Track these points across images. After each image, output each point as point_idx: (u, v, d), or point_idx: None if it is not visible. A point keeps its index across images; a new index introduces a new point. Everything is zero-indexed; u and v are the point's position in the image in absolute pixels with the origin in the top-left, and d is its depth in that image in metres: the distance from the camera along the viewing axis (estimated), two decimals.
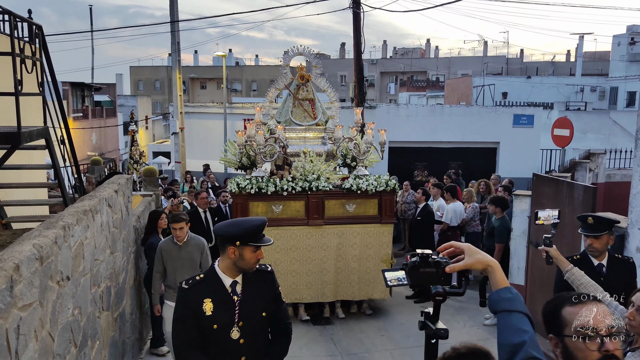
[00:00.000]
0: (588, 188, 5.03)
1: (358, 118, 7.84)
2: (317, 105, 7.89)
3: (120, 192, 5.13)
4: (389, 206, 7.18)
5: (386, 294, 7.32)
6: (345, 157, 7.74)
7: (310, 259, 6.99)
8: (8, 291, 2.35)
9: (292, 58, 7.89)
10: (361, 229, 7.08)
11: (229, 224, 2.91)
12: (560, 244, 5.46)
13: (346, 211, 7.10)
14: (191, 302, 2.80)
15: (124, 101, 36.69)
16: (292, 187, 6.81)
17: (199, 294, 2.81)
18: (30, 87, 4.89)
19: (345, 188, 7.01)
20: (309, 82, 7.89)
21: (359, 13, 13.46)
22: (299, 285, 7.01)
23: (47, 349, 2.92)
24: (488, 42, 56.19)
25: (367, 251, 7.13)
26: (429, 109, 16.26)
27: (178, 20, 14.83)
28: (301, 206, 6.96)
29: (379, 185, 7.03)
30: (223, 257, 2.85)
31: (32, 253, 2.69)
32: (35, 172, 6.32)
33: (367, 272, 7.15)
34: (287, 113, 7.81)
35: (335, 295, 7.18)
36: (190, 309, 2.79)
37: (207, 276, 2.88)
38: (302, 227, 6.92)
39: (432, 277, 1.92)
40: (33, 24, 4.56)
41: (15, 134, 4.04)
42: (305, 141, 7.70)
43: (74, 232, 3.46)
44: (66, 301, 3.30)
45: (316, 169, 6.97)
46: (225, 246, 2.81)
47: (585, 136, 17.06)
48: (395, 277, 1.97)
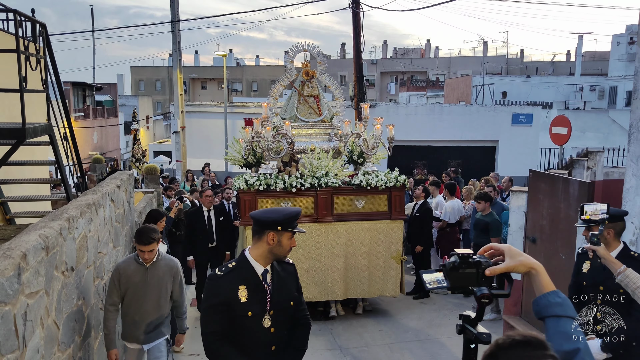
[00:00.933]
0: (583, 183, 5.11)
1: (366, 113, 7.62)
2: (322, 102, 7.81)
3: (122, 188, 5.21)
4: (398, 202, 7.10)
5: (397, 291, 7.19)
6: (351, 154, 7.58)
7: (319, 256, 6.87)
8: (16, 278, 2.43)
9: (297, 54, 7.77)
10: (371, 225, 6.97)
11: (268, 210, 2.99)
12: (555, 239, 5.54)
13: (355, 207, 7.00)
14: (225, 289, 2.80)
15: (125, 101, 36.79)
16: (301, 184, 6.71)
17: (234, 281, 2.82)
18: (33, 84, 4.97)
19: (355, 184, 6.92)
20: (314, 78, 7.79)
21: (358, 12, 13.54)
22: (308, 284, 6.79)
23: (53, 336, 3.01)
24: (488, 42, 56.21)
25: (377, 248, 7.01)
26: (429, 108, 16.36)
27: (179, 20, 14.92)
28: (310, 203, 6.86)
29: (389, 181, 6.93)
30: (259, 243, 2.86)
31: (39, 243, 2.77)
32: (37, 169, 6.40)
33: (377, 269, 7.03)
34: (293, 110, 7.70)
35: (345, 293, 7.03)
36: (223, 297, 2.79)
37: (239, 263, 2.89)
38: (311, 224, 6.77)
39: (473, 278, 1.80)
40: (37, 22, 4.64)
41: (21, 130, 4.12)
42: (311, 138, 7.61)
43: (78, 225, 3.54)
44: (71, 291, 3.39)
45: (324, 165, 6.85)
46: (263, 232, 2.83)
47: (584, 135, 17.15)
48: (433, 279, 1.85)
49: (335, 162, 7.08)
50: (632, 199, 4.16)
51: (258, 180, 6.67)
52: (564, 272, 5.35)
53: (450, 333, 6.62)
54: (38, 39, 4.73)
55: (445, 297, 7.99)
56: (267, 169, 6.97)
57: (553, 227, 5.60)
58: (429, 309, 7.58)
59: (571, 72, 35.15)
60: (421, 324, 7.03)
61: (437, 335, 6.62)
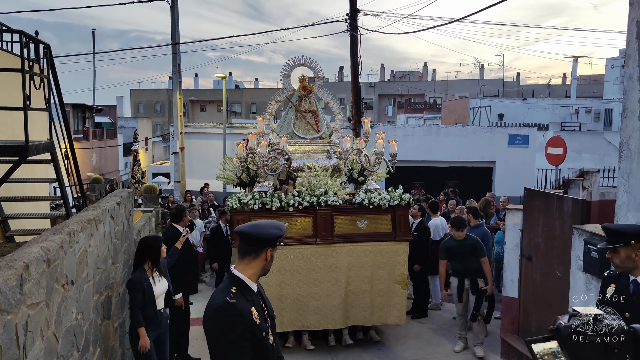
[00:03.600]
0: (577, 200, 5.18)
1: (367, 129, 7.16)
2: (320, 118, 7.47)
3: (122, 205, 5.27)
4: (403, 222, 6.62)
5: (402, 319, 6.73)
6: (351, 172, 7.16)
7: (318, 281, 6.42)
8: (18, 288, 2.48)
9: (294, 69, 7.41)
10: (373, 247, 6.51)
11: (258, 225, 2.77)
12: (550, 256, 5.58)
13: (357, 228, 6.53)
14: (245, 314, 2.58)
15: (125, 123, 37.06)
16: (299, 202, 6.30)
17: (246, 304, 2.61)
18: (36, 104, 5.08)
19: (356, 202, 6.47)
20: (312, 93, 7.46)
21: (355, 36, 13.80)
22: (306, 311, 6.42)
23: (52, 349, 3.03)
24: (485, 66, 57.04)
25: (380, 272, 6.54)
26: (426, 129, 16.53)
27: (179, 42, 15.17)
28: (308, 223, 6.43)
29: (393, 199, 6.50)
30: (255, 261, 2.71)
31: (40, 255, 2.82)
32: (38, 188, 6.47)
33: (379, 294, 6.57)
34: (289, 126, 7.36)
35: (345, 321, 6.59)
36: (247, 323, 2.56)
37: (238, 286, 2.66)
38: (310, 246, 6.37)
39: (600, 352, 1.30)
40: (42, 42, 4.77)
41: (23, 147, 4.21)
42: (309, 155, 7.21)
43: (79, 239, 3.59)
44: (70, 305, 3.42)
45: (323, 182, 6.47)
46: (262, 249, 2.70)
47: (580, 156, 17.31)
48: (547, 350, 1.37)
49: (335, 180, 6.74)
50: (624, 215, 4.23)
51: (252, 199, 6.26)
52: (561, 289, 5.39)
53: (448, 352, 6.61)
54: (42, 59, 4.85)
55: (443, 314, 7.99)
56: (263, 187, 6.60)
57: (548, 245, 5.65)
58: (428, 328, 7.55)
59: (567, 94, 35.55)
60: (419, 343, 6.95)
61: (435, 355, 6.57)
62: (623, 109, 4.26)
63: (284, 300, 6.39)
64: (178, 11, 15.05)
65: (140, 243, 4.93)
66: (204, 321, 2.69)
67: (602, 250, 3.48)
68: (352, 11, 13.87)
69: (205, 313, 2.65)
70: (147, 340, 4.51)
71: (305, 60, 7.42)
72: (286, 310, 6.41)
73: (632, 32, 4.17)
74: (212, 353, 2.62)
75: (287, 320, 6.43)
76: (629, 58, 4.20)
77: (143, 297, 4.54)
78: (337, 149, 7.35)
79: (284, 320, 6.40)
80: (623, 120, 4.22)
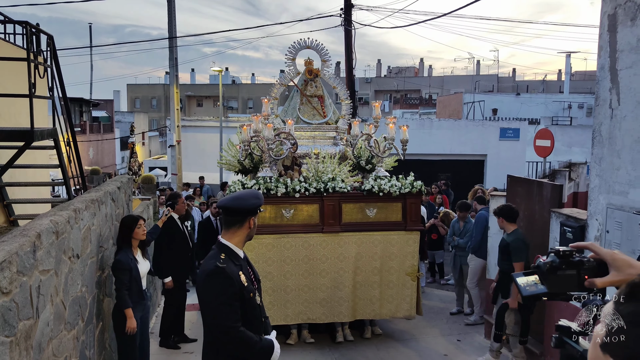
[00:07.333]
0: (555, 186, 5.45)
1: (377, 113, 6.71)
2: (326, 103, 7.10)
3: (122, 189, 5.52)
4: (414, 211, 6.28)
5: (412, 311, 6.38)
6: (359, 159, 6.77)
7: (325, 271, 6.09)
8: (32, 254, 2.73)
9: (299, 51, 7.05)
10: (383, 236, 6.19)
11: (238, 197, 2.95)
12: (531, 239, 5.86)
13: (366, 216, 6.19)
14: (234, 277, 2.79)
15: (121, 117, 37.22)
16: (305, 188, 5.95)
17: (234, 269, 2.83)
18: (39, 92, 5.30)
19: (366, 190, 6.13)
20: (318, 77, 7.11)
21: (350, 30, 14.03)
22: (312, 303, 6.09)
23: (60, 315, 3.29)
24: (481, 62, 57.31)
25: (390, 262, 6.23)
26: (419, 122, 16.79)
27: (176, 36, 15.36)
28: (315, 210, 6.07)
29: (404, 187, 6.18)
30: (240, 230, 2.92)
31: (50, 226, 3.07)
32: (39, 174, 6.70)
33: (389, 286, 6.27)
34: (294, 111, 7.02)
35: (353, 314, 6.25)
36: (236, 285, 2.78)
37: (226, 253, 2.88)
38: (316, 235, 6.04)
39: (573, 281, 1.50)
40: (45, 33, 5.00)
41: (29, 132, 4.44)
42: (314, 141, 6.89)
43: (83, 217, 3.85)
44: (76, 277, 3.67)
45: (330, 169, 6.15)
46: (246, 219, 2.91)
47: (571, 150, 17.61)
48: (529, 282, 1.56)
49: (342, 168, 6.37)
50: (596, 197, 4.50)
51: (257, 183, 5.91)
52: None
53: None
54: (46, 49, 5.09)
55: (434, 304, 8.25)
56: (268, 172, 6.22)
57: (530, 228, 5.93)
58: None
59: (561, 90, 35.86)
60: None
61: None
62: (595, 98, 4.52)
63: (288, 291, 6.07)
64: (175, 4, 15.22)
65: (122, 222, 4.80)
66: (197, 284, 2.98)
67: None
68: (347, 6, 14.09)
69: (198, 277, 2.94)
70: (135, 321, 4.47)
71: (312, 43, 7.06)
72: (291, 302, 6.08)
73: (604, 25, 4.44)
74: (205, 313, 2.90)
75: (292, 312, 6.10)
76: (601, 49, 4.46)
77: (130, 277, 4.48)
78: (344, 135, 7.10)
79: (289, 313, 6.09)
80: (595, 108, 4.48)
